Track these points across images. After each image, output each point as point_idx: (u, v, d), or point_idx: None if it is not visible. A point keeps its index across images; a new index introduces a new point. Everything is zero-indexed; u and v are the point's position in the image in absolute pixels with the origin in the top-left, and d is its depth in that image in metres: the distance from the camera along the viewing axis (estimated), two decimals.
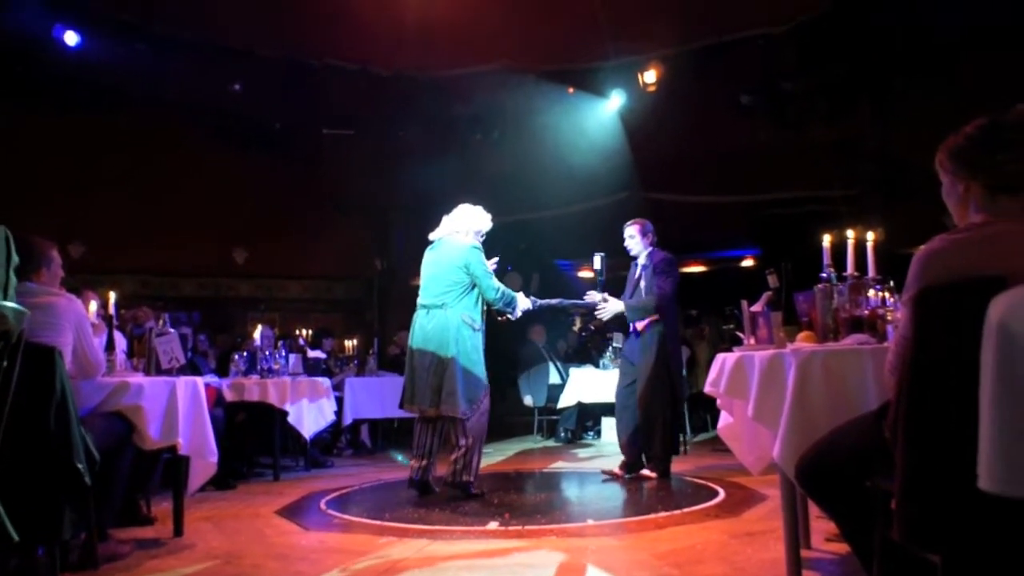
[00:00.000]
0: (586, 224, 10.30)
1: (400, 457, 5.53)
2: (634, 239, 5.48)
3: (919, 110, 8.09)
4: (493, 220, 5.06)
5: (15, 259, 1.81)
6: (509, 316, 4.99)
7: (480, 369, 4.75)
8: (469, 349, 4.70)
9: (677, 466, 5.97)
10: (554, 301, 5.41)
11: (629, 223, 5.57)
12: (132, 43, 8.46)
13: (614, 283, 5.60)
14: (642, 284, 5.40)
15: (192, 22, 8.49)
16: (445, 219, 5.03)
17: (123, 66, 8.60)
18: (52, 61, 8.30)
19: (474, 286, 4.80)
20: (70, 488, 2.67)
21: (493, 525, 3.87)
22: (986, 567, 1.38)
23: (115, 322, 3.91)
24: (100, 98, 9.00)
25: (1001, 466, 1.04)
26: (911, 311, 1.60)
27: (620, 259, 5.82)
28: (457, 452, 4.69)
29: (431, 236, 5.03)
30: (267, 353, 6.09)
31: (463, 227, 4.95)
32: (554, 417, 8.40)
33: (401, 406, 4.91)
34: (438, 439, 4.86)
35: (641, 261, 5.47)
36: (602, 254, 5.33)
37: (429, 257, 4.97)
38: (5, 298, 1.74)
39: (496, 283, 4.84)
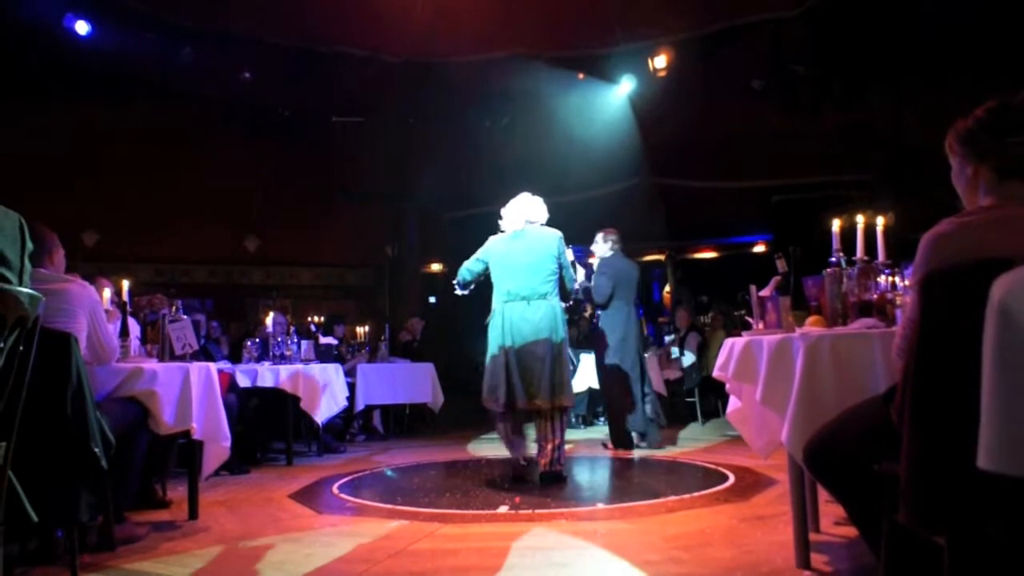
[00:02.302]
0: (596, 210, 10.29)
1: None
2: (597, 244, 6.32)
3: (931, 94, 8.02)
4: (503, 207, 5.06)
5: (29, 246, 1.83)
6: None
7: None
8: (567, 340, 4.76)
9: (687, 451, 6.02)
10: None
11: (605, 230, 6.34)
12: (143, 32, 8.49)
13: None
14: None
15: (202, 10, 8.51)
16: (513, 208, 4.89)
17: (134, 55, 8.65)
18: (63, 51, 8.35)
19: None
20: (87, 472, 2.72)
21: (504, 509, 3.90)
22: (991, 549, 1.39)
23: (128, 309, 3.95)
24: (111, 87, 9.06)
25: (999, 445, 1.04)
26: (917, 294, 1.60)
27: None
28: (554, 441, 4.65)
29: (508, 226, 4.86)
30: (279, 340, 6.13)
31: (539, 217, 4.90)
32: None
33: (513, 406, 4.64)
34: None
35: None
36: (576, 248, 5.42)
37: (515, 246, 4.76)
38: (20, 284, 1.76)
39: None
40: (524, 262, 4.72)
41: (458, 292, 4.99)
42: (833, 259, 2.84)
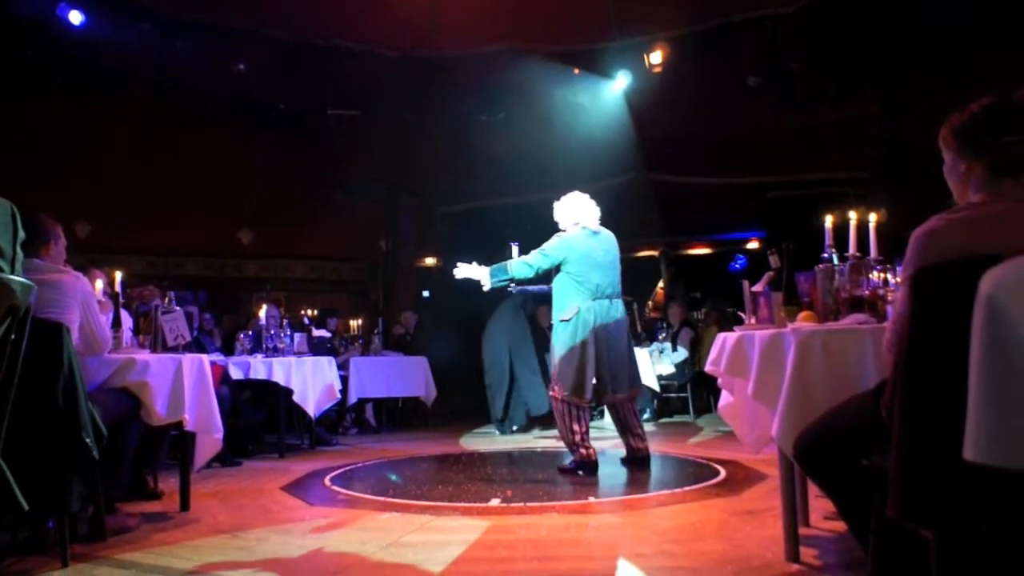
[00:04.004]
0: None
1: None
2: None
3: (926, 92, 8.03)
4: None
5: (21, 234, 1.83)
6: None
7: None
8: None
9: (679, 445, 6.04)
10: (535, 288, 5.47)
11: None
12: (137, 23, 8.45)
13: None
14: None
15: (197, 2, 8.46)
16: (582, 206, 4.95)
17: (128, 46, 8.60)
18: (56, 41, 8.29)
19: None
20: (78, 462, 2.72)
21: (495, 502, 3.91)
22: (978, 542, 1.40)
23: (121, 300, 3.95)
24: (105, 78, 9.00)
25: (985, 436, 1.05)
26: (908, 289, 1.61)
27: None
28: (641, 426, 4.98)
29: (582, 223, 4.91)
30: (272, 332, 6.12)
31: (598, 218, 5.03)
32: None
33: (600, 401, 4.93)
34: None
35: None
36: (516, 243, 5.08)
37: (595, 245, 4.87)
38: (12, 272, 1.76)
39: None
40: (607, 261, 4.88)
41: (488, 288, 4.90)
42: (825, 255, 2.85)
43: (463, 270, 4.91)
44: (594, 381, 4.80)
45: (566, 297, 4.78)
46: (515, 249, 4.98)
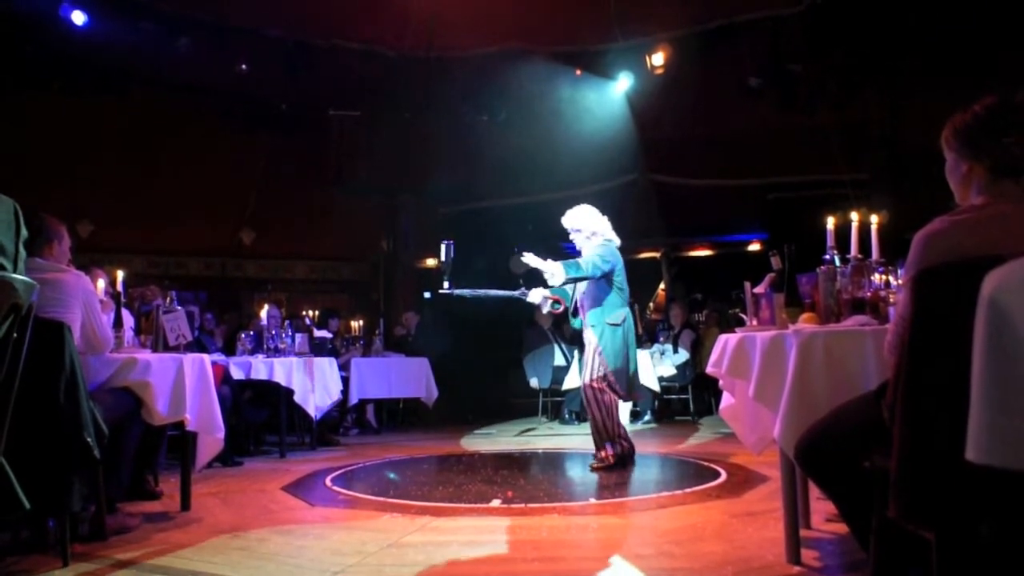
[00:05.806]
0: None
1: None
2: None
3: (928, 94, 8.02)
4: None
5: (24, 232, 1.83)
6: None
7: None
8: None
9: (679, 447, 6.04)
10: (480, 292, 5.29)
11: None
12: (139, 22, 8.44)
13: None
14: None
15: (199, 1, 8.47)
16: (603, 220, 5.15)
17: (130, 46, 8.60)
18: (59, 41, 8.30)
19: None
20: (79, 461, 2.72)
21: (496, 503, 3.91)
22: (979, 543, 1.40)
23: (123, 299, 3.95)
24: (108, 78, 9.01)
25: (986, 437, 1.05)
26: (910, 291, 1.61)
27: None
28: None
29: (608, 236, 5.12)
30: (273, 332, 6.12)
31: None
32: (559, 399, 8.44)
33: (633, 395, 5.24)
34: None
35: None
36: (449, 242, 4.97)
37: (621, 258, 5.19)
38: (14, 271, 1.76)
39: None
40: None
41: (559, 284, 4.88)
42: (827, 256, 2.85)
43: (531, 260, 4.90)
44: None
45: (613, 303, 5.00)
46: (451, 249, 4.97)
